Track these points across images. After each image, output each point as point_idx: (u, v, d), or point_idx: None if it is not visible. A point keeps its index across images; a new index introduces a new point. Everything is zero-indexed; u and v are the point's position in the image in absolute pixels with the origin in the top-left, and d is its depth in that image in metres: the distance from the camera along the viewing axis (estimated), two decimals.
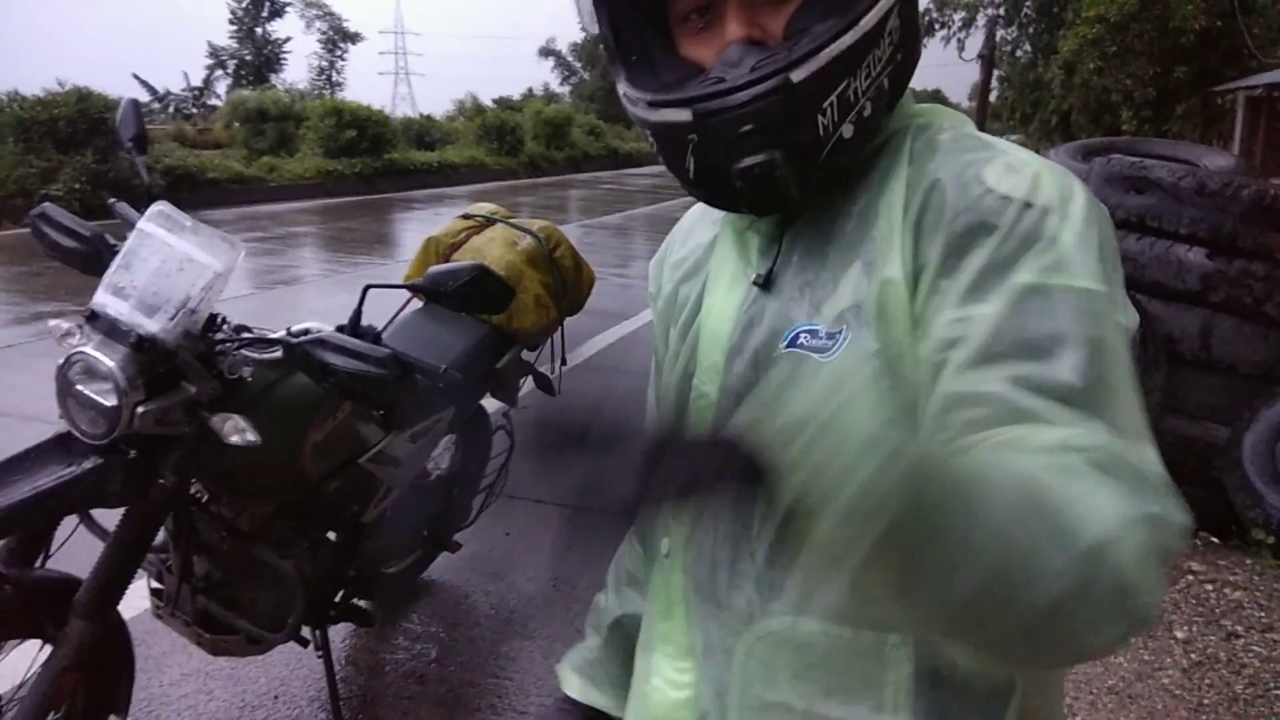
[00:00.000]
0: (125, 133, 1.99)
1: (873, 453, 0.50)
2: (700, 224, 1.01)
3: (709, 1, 0.81)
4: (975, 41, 23.38)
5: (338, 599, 2.45)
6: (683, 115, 0.78)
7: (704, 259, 0.96)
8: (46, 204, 2.01)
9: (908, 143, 0.82)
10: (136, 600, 2.18)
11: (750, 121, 0.75)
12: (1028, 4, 23.31)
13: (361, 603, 2.54)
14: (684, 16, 0.83)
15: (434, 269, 1.99)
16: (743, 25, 0.79)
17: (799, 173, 0.77)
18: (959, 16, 23.77)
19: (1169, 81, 13.97)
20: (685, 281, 0.97)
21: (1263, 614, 3.16)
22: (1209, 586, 3.34)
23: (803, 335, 0.80)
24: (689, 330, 0.93)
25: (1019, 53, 24.36)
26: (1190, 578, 3.39)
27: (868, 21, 0.75)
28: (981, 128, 0.88)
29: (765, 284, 0.85)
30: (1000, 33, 23.03)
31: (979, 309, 0.70)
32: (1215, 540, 3.69)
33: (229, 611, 2.17)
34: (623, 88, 0.85)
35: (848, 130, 0.77)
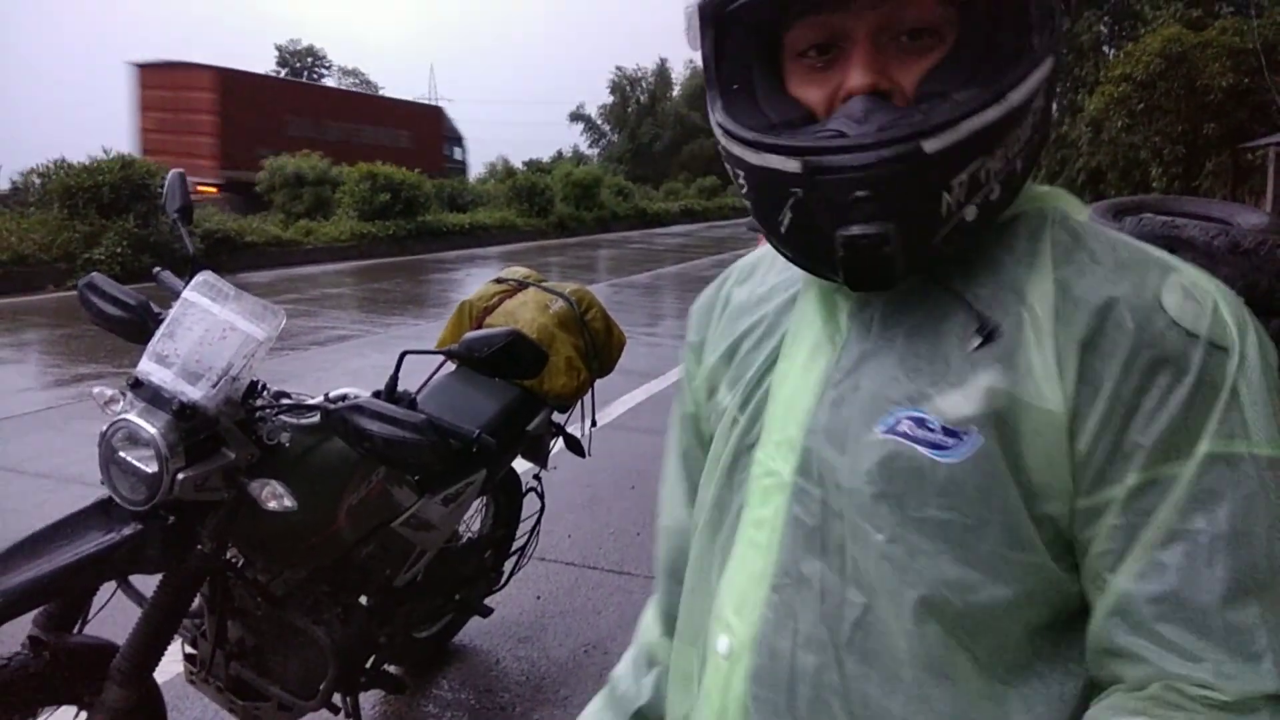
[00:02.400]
0: (171, 204, 2.05)
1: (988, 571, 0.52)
2: (771, 273, 0.91)
3: (834, 38, 0.72)
4: None
5: (369, 665, 2.44)
6: (791, 165, 0.69)
7: (778, 319, 0.86)
8: (94, 274, 2.07)
9: (1048, 231, 0.74)
10: (169, 665, 2.18)
11: (868, 187, 0.67)
12: None
13: (392, 669, 2.53)
14: (800, 52, 0.74)
15: (469, 335, 2.01)
16: (870, 73, 0.70)
17: (910, 251, 0.70)
18: None
19: (1198, 138, 13.98)
20: (749, 338, 0.88)
21: None
22: None
23: (906, 423, 0.71)
24: (753, 395, 0.84)
25: None
26: None
27: (1015, 97, 0.68)
28: None
29: (859, 359, 0.76)
30: None
31: (1160, 498, 0.66)
32: None
33: (261, 678, 2.17)
34: (718, 117, 0.77)
35: (971, 213, 0.70)
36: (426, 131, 31.40)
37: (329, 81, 49.17)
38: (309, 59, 48.21)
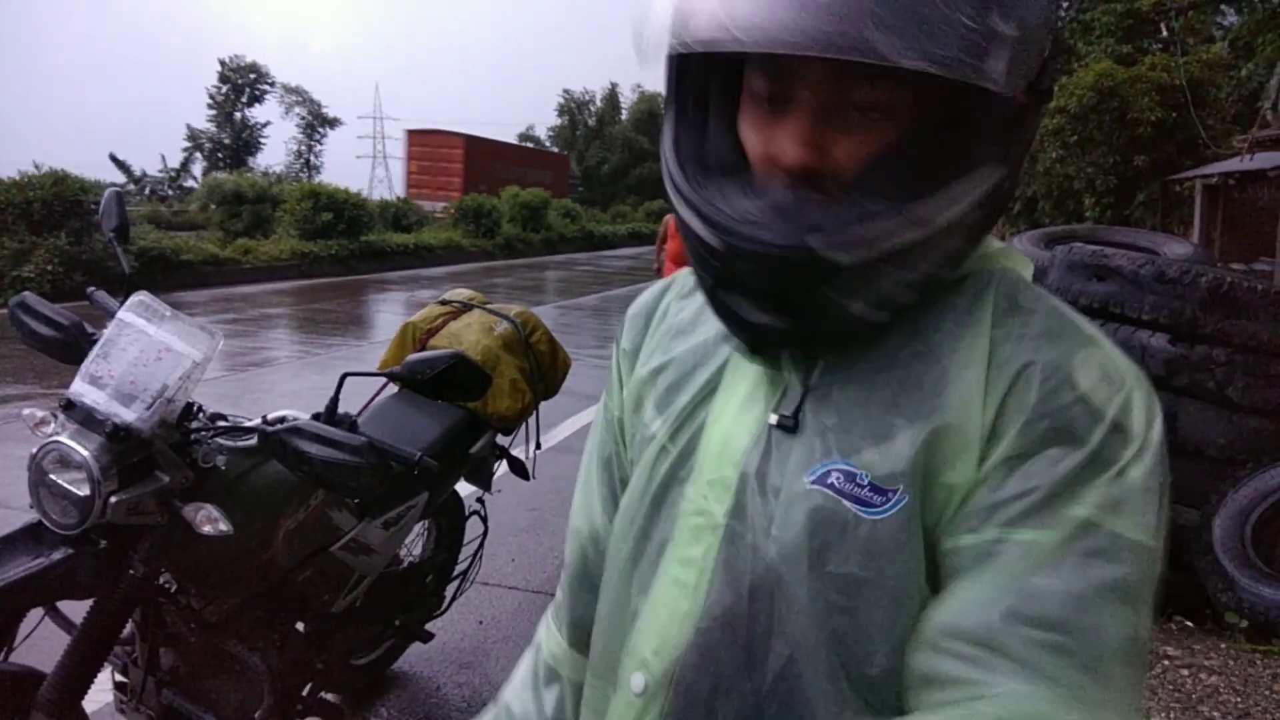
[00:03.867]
0: (108, 224, 2.01)
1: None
2: None
3: (778, 93, 0.70)
4: None
5: (306, 692, 2.40)
6: (709, 236, 0.69)
7: (715, 347, 0.84)
8: (26, 293, 2.02)
9: (990, 294, 0.73)
10: (98, 694, 2.12)
11: (775, 285, 0.67)
12: None
13: (330, 696, 2.49)
14: (752, 91, 0.72)
15: (412, 357, 2.00)
16: (804, 145, 0.68)
17: (808, 345, 0.72)
18: None
19: (1129, 170, 14.41)
20: (683, 362, 0.86)
21: (1239, 699, 3.16)
22: (1184, 672, 3.33)
23: (835, 475, 0.70)
24: (685, 426, 0.82)
25: None
26: (1166, 663, 3.39)
27: (942, 221, 0.67)
28: None
29: (798, 404, 0.75)
30: None
31: (1032, 536, 0.65)
32: (1190, 625, 3.70)
33: (194, 705, 2.12)
34: (665, 146, 0.76)
35: (881, 316, 0.70)
36: (560, 171, 47.23)
37: (271, 99, 48.76)
38: (251, 75, 47.52)
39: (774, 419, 0.75)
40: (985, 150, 0.68)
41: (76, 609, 1.90)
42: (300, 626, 2.36)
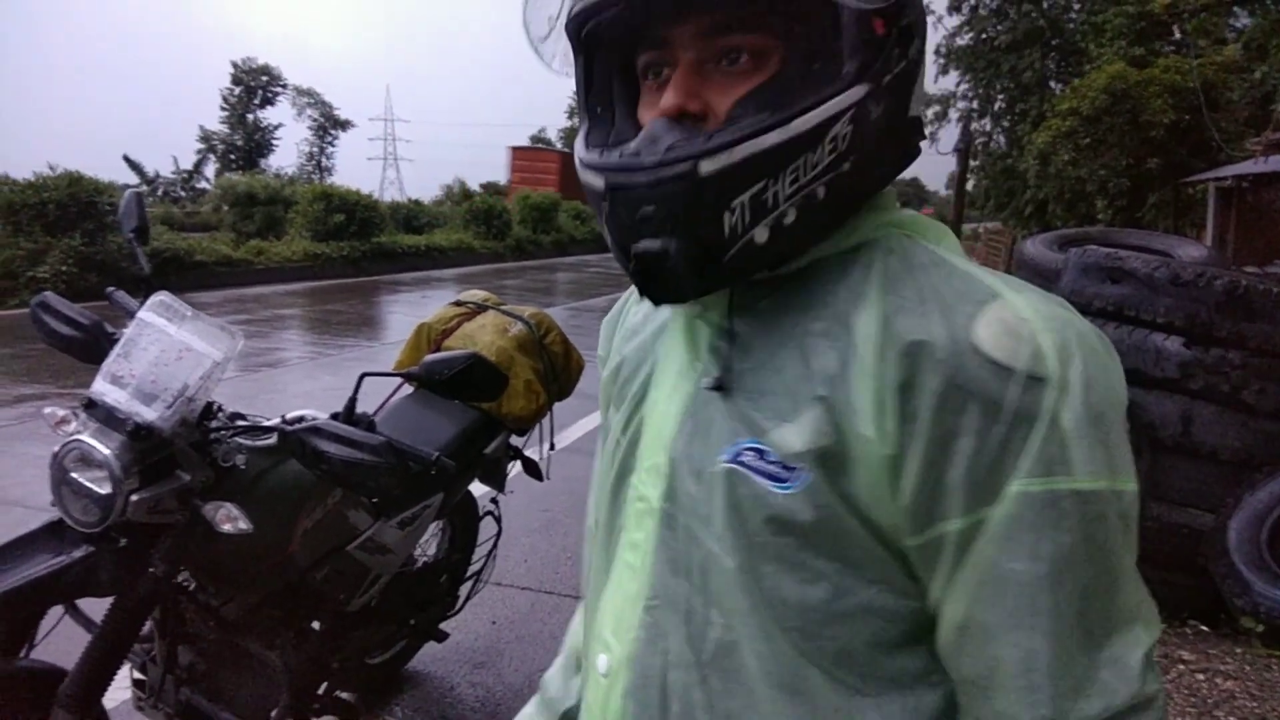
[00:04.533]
0: (127, 224, 2.03)
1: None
2: None
3: (660, 60, 0.76)
4: (949, 133, 24.07)
5: (321, 691, 2.41)
6: (598, 182, 0.73)
7: (652, 344, 0.90)
8: (47, 293, 2.04)
9: (878, 262, 0.75)
10: (117, 691, 2.14)
11: (650, 204, 0.70)
12: (999, 98, 24.08)
13: (345, 695, 2.50)
14: (643, 74, 0.78)
15: (430, 358, 2.01)
16: (680, 95, 0.73)
17: (696, 269, 0.71)
18: (931, 111, 24.51)
19: (1142, 172, 14.38)
20: (630, 361, 0.92)
21: (1255, 704, 3.14)
22: (1200, 676, 3.32)
23: (747, 453, 0.73)
24: (631, 419, 0.87)
25: (993, 144, 25.07)
26: (1181, 667, 3.37)
27: (800, 124, 0.68)
28: (959, 218, 0.84)
29: (717, 387, 0.77)
30: (974, 124, 23.72)
31: (980, 540, 0.67)
32: (1205, 629, 3.68)
33: (212, 703, 2.13)
34: (578, 139, 0.81)
35: (761, 234, 0.70)
36: None
37: (283, 101, 48.96)
38: (264, 77, 47.71)
39: (694, 405, 0.79)
40: (843, 67, 0.70)
41: (95, 607, 1.92)
42: (316, 625, 2.37)
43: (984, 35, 23.56)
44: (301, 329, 11.54)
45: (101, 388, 1.77)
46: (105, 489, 1.72)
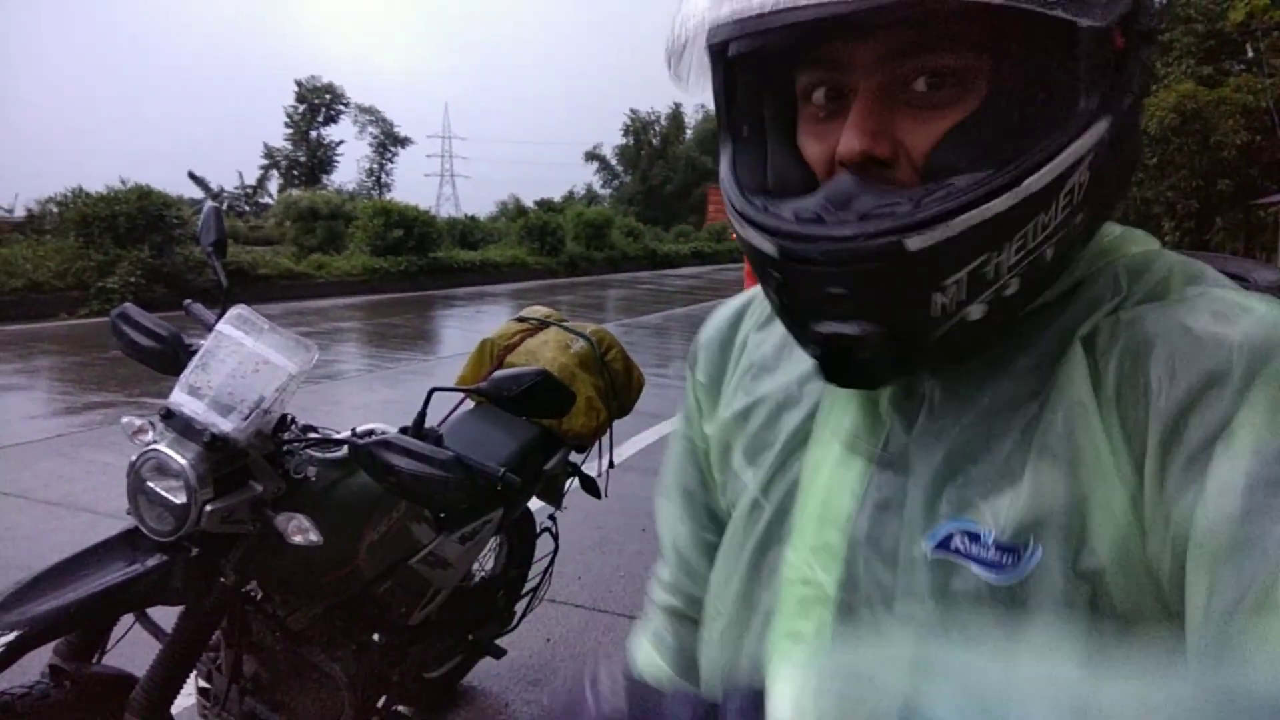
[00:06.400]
0: (206, 238, 2.07)
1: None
2: None
3: (829, 82, 0.61)
4: None
5: (380, 704, 2.42)
6: (769, 247, 0.61)
7: (801, 388, 0.76)
8: (127, 304, 2.09)
9: (1095, 300, 0.63)
10: (181, 699, 2.16)
11: (843, 285, 0.58)
12: None
13: (403, 708, 2.50)
14: (807, 95, 0.63)
15: (498, 374, 2.02)
16: (865, 138, 0.58)
17: (896, 355, 0.60)
18: None
19: (1211, 194, 14.06)
20: (768, 403, 0.78)
21: None
22: None
23: (958, 538, 0.61)
24: (777, 479, 0.74)
25: None
26: None
27: (1033, 184, 0.55)
28: None
29: (906, 455, 0.65)
30: None
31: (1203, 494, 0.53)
32: None
33: (274, 714, 2.15)
34: (722, 170, 0.68)
35: (976, 311, 0.58)
36: None
37: (345, 119, 50.03)
38: (327, 96, 48.81)
39: (880, 476, 0.67)
40: (1079, 101, 0.57)
41: (164, 615, 1.94)
42: (377, 638, 2.38)
43: None
44: (360, 342, 11.71)
45: (179, 398, 1.80)
46: (180, 498, 1.74)
